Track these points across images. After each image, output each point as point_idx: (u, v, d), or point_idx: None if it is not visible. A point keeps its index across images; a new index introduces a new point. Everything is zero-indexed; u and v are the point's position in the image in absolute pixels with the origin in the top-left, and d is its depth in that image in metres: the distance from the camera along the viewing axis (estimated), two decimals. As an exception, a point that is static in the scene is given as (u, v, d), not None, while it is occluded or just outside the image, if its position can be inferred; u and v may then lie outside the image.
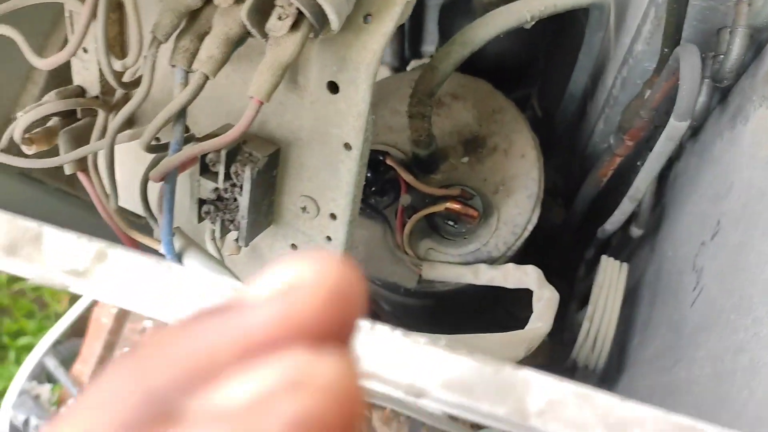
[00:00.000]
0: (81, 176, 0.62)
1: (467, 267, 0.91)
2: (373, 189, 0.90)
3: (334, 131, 0.58)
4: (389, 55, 1.51)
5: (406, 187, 0.90)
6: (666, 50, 0.69)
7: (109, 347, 1.94)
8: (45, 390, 1.99)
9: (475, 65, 1.11)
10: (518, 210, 0.95)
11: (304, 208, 0.64)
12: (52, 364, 1.99)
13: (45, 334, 2.06)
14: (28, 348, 2.04)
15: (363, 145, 0.58)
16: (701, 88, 0.77)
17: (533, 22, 0.75)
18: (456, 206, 0.86)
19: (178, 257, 0.57)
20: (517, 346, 0.65)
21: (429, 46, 1.52)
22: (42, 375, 2.04)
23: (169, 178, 0.50)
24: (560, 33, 1.19)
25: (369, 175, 0.92)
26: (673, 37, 0.67)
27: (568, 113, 1.13)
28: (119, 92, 0.59)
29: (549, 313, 0.74)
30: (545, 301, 0.77)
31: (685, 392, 0.59)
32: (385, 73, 1.55)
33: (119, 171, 0.81)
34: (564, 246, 1.39)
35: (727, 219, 0.68)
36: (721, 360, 0.52)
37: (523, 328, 1.59)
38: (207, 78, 0.47)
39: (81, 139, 0.62)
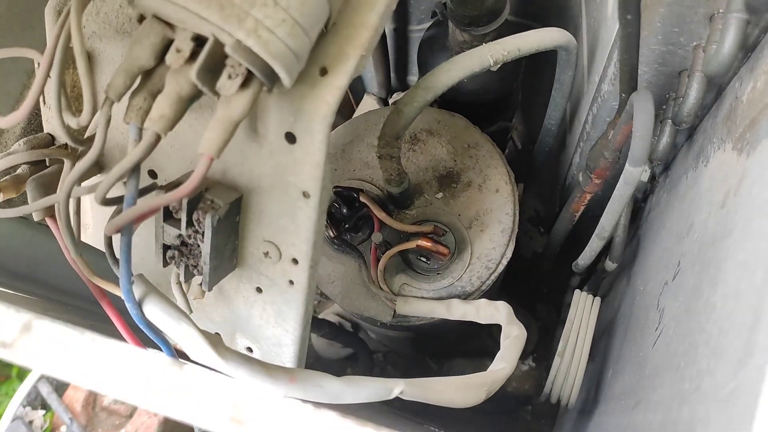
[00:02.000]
0: (49, 222, 0.63)
1: (440, 302, 0.91)
2: (346, 226, 0.91)
3: (292, 180, 0.59)
4: (376, 87, 1.52)
5: (379, 224, 0.90)
6: (623, 95, 0.70)
7: (101, 373, 1.94)
8: (38, 416, 1.99)
9: (452, 100, 1.13)
10: (492, 245, 0.96)
11: (266, 254, 0.64)
12: (45, 390, 1.99)
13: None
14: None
15: (321, 192, 0.59)
16: (664, 128, 0.79)
17: (498, 65, 0.76)
18: (427, 244, 0.87)
19: (139, 304, 0.58)
20: (477, 389, 0.65)
21: (414, 76, 1.54)
22: (36, 401, 2.05)
23: (124, 232, 0.51)
24: (537, 65, 1.21)
25: (344, 211, 0.93)
26: (628, 83, 0.68)
27: (546, 146, 1.14)
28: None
29: (514, 352, 0.74)
30: (511, 340, 0.77)
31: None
32: (371, 103, 1.57)
33: (93, 212, 0.82)
34: (548, 273, 1.40)
35: (686, 260, 0.69)
36: (668, 409, 0.53)
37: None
38: (158, 136, 0.48)
39: (48, 186, 0.63)
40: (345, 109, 1.68)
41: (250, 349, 0.74)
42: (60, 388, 2.02)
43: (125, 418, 1.78)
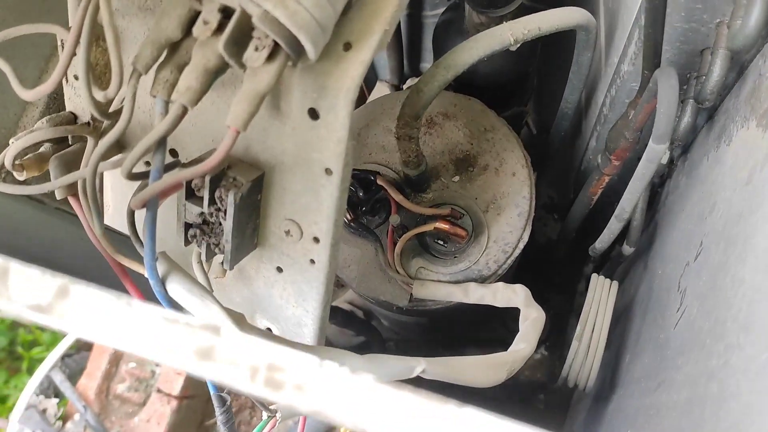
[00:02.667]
0: (72, 201, 0.63)
1: (457, 285, 0.91)
2: (364, 209, 0.90)
3: (315, 156, 0.59)
4: (388, 73, 1.52)
5: (396, 207, 0.90)
6: (646, 72, 0.70)
7: (114, 362, 1.95)
8: (51, 404, 2.00)
9: (468, 83, 1.13)
10: (509, 228, 0.95)
11: (287, 232, 0.64)
12: (58, 379, 2.01)
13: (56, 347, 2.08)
14: (41, 359, 2.07)
15: (343, 170, 0.59)
16: (686, 108, 0.78)
17: (518, 45, 0.76)
18: (444, 226, 0.87)
19: (162, 282, 0.58)
20: (498, 369, 0.65)
21: (428, 63, 1.53)
22: (49, 389, 2.06)
23: (150, 206, 0.51)
24: (552, 50, 1.20)
25: (361, 194, 0.93)
26: (652, 60, 0.67)
27: (562, 130, 1.14)
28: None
29: (534, 334, 0.74)
30: (531, 321, 0.77)
31: (664, 417, 0.59)
32: (384, 90, 1.56)
33: (114, 193, 0.82)
34: (561, 261, 1.39)
35: (709, 239, 0.68)
36: (695, 386, 0.53)
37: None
38: (185, 108, 0.48)
39: (72, 164, 0.63)
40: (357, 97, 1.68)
41: (270, 330, 0.74)
42: (73, 376, 2.03)
43: (138, 406, 1.79)
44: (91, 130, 0.61)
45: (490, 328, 1.48)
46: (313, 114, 0.57)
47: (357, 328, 1.56)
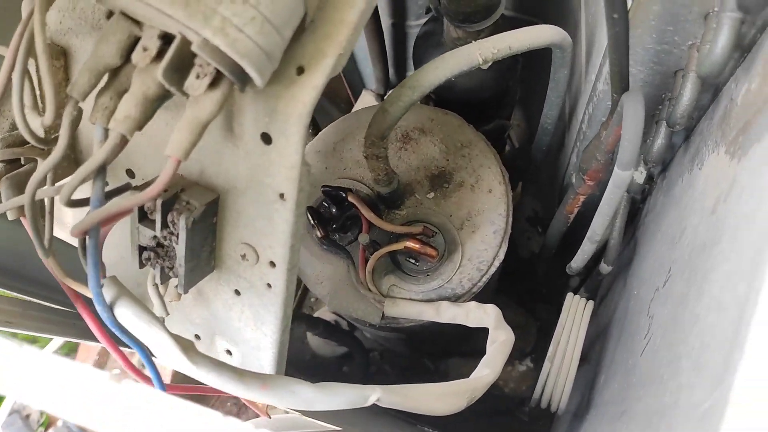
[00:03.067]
0: (24, 222, 0.62)
1: (429, 304, 0.90)
2: (334, 226, 0.89)
3: (268, 181, 0.58)
4: (374, 83, 1.51)
5: (367, 225, 0.89)
6: (615, 96, 0.68)
7: (99, 368, 1.94)
8: (35, 410, 1.99)
9: (447, 98, 1.12)
10: (484, 246, 0.94)
11: (243, 256, 0.63)
12: (42, 383, 1.99)
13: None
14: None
15: (298, 195, 0.57)
16: (659, 130, 0.77)
17: (489, 64, 0.75)
18: (414, 245, 0.86)
19: (110, 307, 0.57)
20: (458, 397, 0.63)
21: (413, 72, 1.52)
22: (34, 393, 2.05)
23: (91, 234, 0.50)
24: (536, 62, 1.19)
25: (333, 210, 0.91)
26: (619, 84, 0.66)
27: (543, 145, 1.12)
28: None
29: (500, 358, 0.73)
30: (498, 345, 0.76)
31: (623, 450, 0.58)
32: (369, 99, 1.55)
33: (74, 211, 0.81)
34: (543, 274, 1.38)
35: (676, 267, 0.67)
36: (649, 422, 0.51)
37: (513, 351, 1.57)
38: (124, 137, 0.47)
39: (23, 185, 0.62)
40: (344, 104, 1.67)
41: (229, 352, 0.73)
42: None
43: (121, 413, 1.77)
44: (42, 152, 0.60)
45: (472, 341, 1.47)
46: (266, 138, 0.56)
47: (340, 339, 1.55)
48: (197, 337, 0.75)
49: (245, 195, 0.60)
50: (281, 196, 0.58)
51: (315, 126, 1.28)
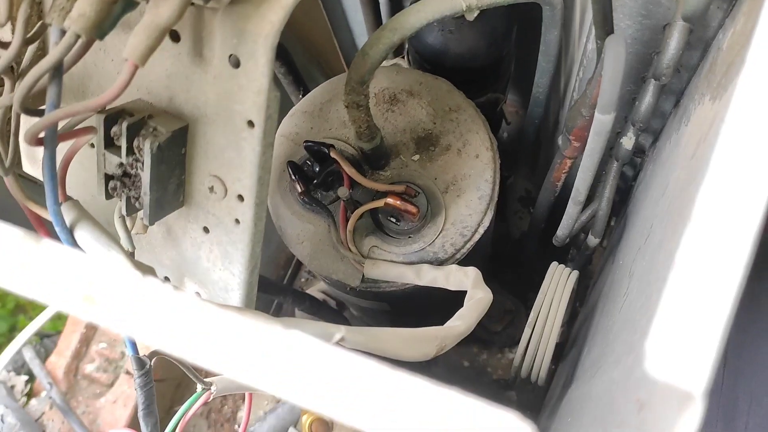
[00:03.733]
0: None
1: (410, 267, 0.88)
2: (315, 182, 0.88)
3: (237, 107, 0.57)
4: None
5: (349, 182, 0.87)
6: (599, 42, 0.67)
7: (85, 341, 1.93)
8: (20, 381, 1.98)
9: (439, 64, 1.10)
10: (468, 211, 0.92)
11: (211, 188, 0.62)
12: (28, 356, 1.99)
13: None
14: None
15: (266, 122, 0.56)
16: (647, 87, 0.75)
17: (475, 13, 0.73)
18: (395, 202, 0.84)
19: (70, 229, 0.56)
20: (427, 343, 0.62)
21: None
22: (22, 367, 2.04)
23: (47, 142, 0.49)
24: (529, 34, 1.17)
25: (316, 168, 0.90)
26: (603, 27, 0.64)
27: (535, 117, 1.11)
28: (25, 61, 0.58)
29: (474, 313, 0.71)
30: (474, 301, 0.74)
31: (590, 405, 0.56)
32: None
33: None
34: (536, 256, 1.36)
35: (657, 220, 0.65)
36: (621, 364, 0.49)
37: (492, 335, 1.54)
38: (78, 37, 0.45)
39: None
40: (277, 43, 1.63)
41: (198, 295, 0.72)
42: (42, 353, 2.01)
43: (106, 386, 1.76)
44: (7, 72, 0.58)
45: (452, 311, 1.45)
46: (234, 61, 0.55)
47: (325, 316, 1.53)
48: (167, 279, 0.73)
49: (214, 123, 0.59)
50: (249, 123, 0.57)
51: (304, 89, 1.27)
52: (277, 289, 1.48)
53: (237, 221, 0.63)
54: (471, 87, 1.04)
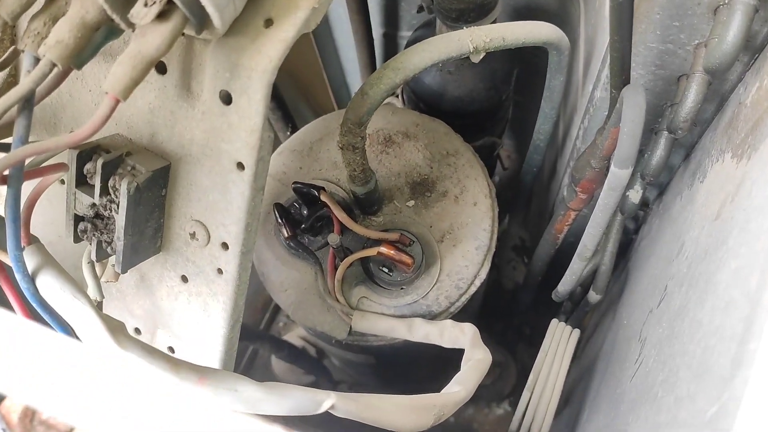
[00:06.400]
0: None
1: (401, 320, 0.84)
2: (303, 226, 0.84)
3: (225, 147, 0.53)
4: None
5: (339, 227, 0.83)
6: (614, 92, 0.64)
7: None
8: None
9: (436, 108, 1.07)
10: (465, 262, 0.89)
11: (193, 234, 0.58)
12: (-17, 399, 1.88)
13: None
14: None
15: (257, 165, 0.52)
16: (659, 140, 0.73)
17: (481, 55, 0.70)
18: (389, 251, 0.80)
19: (32, 276, 0.51)
20: (424, 412, 0.57)
21: (403, 89, 1.49)
22: (-25, 410, 1.94)
23: (11, 182, 0.44)
24: (530, 79, 1.16)
25: (305, 211, 0.86)
26: (620, 77, 0.62)
27: (534, 165, 1.08)
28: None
29: (473, 376, 0.67)
30: (473, 362, 0.70)
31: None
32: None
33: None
34: (529, 309, 1.32)
35: (673, 283, 0.62)
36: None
37: (479, 389, 1.50)
38: (54, 65, 0.41)
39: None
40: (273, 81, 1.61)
41: (171, 349, 0.67)
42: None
43: (63, 434, 1.67)
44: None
45: (452, 374, 1.40)
46: (226, 97, 0.51)
47: (305, 365, 1.47)
48: (137, 330, 0.68)
49: (199, 163, 0.55)
50: (239, 165, 0.53)
51: (293, 126, 1.24)
52: (254, 335, 1.42)
53: (219, 271, 0.58)
54: (468, 130, 1.01)
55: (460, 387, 0.63)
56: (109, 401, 0.27)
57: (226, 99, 0.51)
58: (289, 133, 1.17)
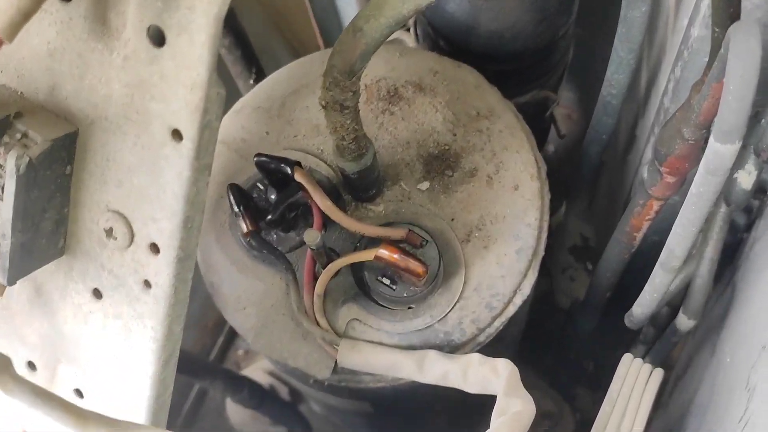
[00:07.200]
0: None
1: (408, 353, 0.85)
2: (270, 218, 0.84)
3: (156, 108, 0.54)
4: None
5: (321, 219, 0.84)
6: (717, 31, 0.65)
7: None
8: None
9: (464, 48, 1.08)
10: (501, 271, 0.90)
11: (109, 231, 0.59)
12: None
13: None
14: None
15: (201, 134, 0.53)
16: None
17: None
18: (391, 255, 0.81)
19: None
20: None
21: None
22: None
23: None
24: (594, 7, 1.16)
25: (272, 196, 0.87)
26: (726, 9, 0.62)
27: (603, 132, 1.09)
28: None
29: (510, 436, 0.68)
30: (509, 417, 0.70)
31: None
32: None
33: None
34: (592, 337, 1.34)
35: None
36: None
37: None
38: None
39: None
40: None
41: (79, 393, 0.68)
42: None
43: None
44: None
45: (471, 426, 1.42)
46: (157, 36, 0.52)
47: (275, 414, 1.50)
48: (31, 365, 0.70)
49: (119, 130, 0.56)
50: (175, 134, 0.54)
51: (258, 72, 1.24)
52: (202, 368, 1.44)
53: (147, 284, 0.60)
54: (509, 80, 1.02)
55: (491, 452, 0.64)
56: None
57: (158, 38, 0.52)
58: (252, 83, 1.18)
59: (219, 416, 1.65)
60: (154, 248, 0.58)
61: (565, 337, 1.44)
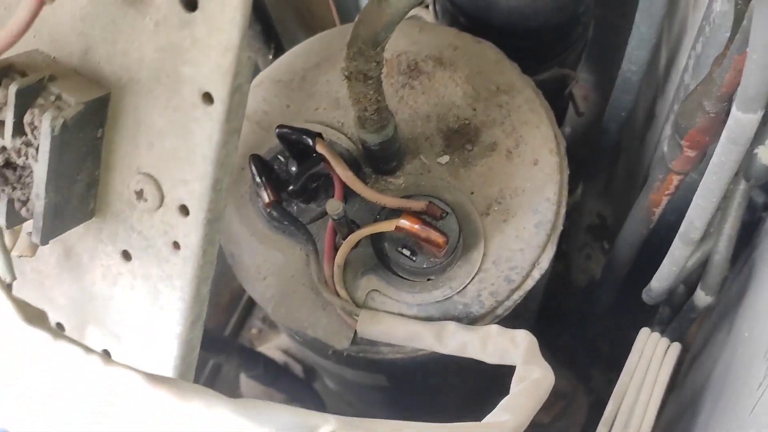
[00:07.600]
0: None
1: (428, 325, 0.86)
2: (291, 189, 0.86)
3: (188, 72, 0.55)
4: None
5: (342, 190, 0.86)
6: (740, 3, 0.66)
7: None
8: None
9: (485, 24, 1.09)
10: (520, 245, 0.91)
11: (139, 193, 0.60)
12: None
13: None
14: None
15: (231, 97, 0.55)
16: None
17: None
18: (412, 225, 0.82)
19: None
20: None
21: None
22: None
23: None
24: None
25: (293, 168, 0.89)
26: (749, -18, 0.63)
27: (622, 108, 1.10)
28: None
29: (529, 402, 0.69)
30: (528, 383, 0.72)
31: None
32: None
33: None
34: (609, 315, 1.35)
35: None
36: None
37: (537, 428, 1.55)
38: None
39: None
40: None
41: (107, 353, 0.70)
42: None
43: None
44: None
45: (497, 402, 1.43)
46: (189, 1, 0.53)
47: (288, 389, 1.51)
48: (60, 327, 0.72)
49: (151, 94, 0.58)
50: (206, 97, 0.55)
51: (278, 47, 1.26)
52: (217, 343, 1.46)
53: (176, 245, 0.61)
54: (529, 57, 1.03)
55: (509, 416, 0.66)
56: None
57: (190, 3, 0.53)
58: (271, 57, 1.19)
59: (233, 392, 1.67)
60: (184, 210, 0.60)
61: (581, 317, 1.45)
